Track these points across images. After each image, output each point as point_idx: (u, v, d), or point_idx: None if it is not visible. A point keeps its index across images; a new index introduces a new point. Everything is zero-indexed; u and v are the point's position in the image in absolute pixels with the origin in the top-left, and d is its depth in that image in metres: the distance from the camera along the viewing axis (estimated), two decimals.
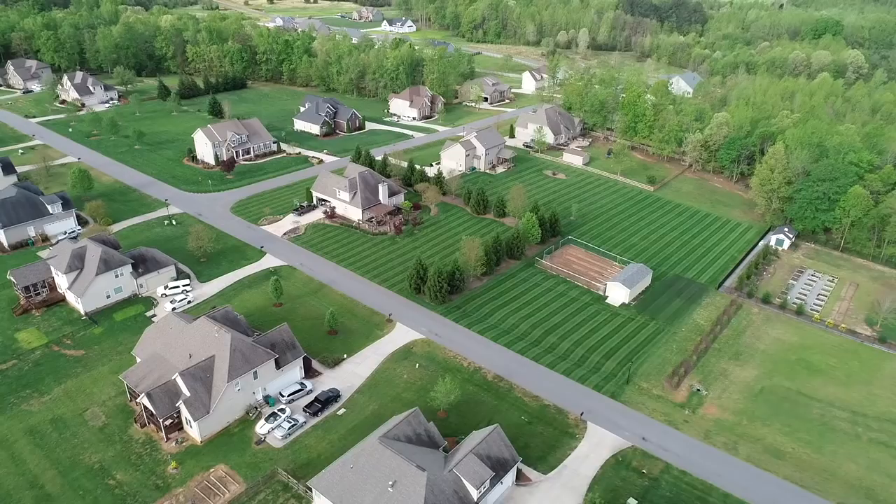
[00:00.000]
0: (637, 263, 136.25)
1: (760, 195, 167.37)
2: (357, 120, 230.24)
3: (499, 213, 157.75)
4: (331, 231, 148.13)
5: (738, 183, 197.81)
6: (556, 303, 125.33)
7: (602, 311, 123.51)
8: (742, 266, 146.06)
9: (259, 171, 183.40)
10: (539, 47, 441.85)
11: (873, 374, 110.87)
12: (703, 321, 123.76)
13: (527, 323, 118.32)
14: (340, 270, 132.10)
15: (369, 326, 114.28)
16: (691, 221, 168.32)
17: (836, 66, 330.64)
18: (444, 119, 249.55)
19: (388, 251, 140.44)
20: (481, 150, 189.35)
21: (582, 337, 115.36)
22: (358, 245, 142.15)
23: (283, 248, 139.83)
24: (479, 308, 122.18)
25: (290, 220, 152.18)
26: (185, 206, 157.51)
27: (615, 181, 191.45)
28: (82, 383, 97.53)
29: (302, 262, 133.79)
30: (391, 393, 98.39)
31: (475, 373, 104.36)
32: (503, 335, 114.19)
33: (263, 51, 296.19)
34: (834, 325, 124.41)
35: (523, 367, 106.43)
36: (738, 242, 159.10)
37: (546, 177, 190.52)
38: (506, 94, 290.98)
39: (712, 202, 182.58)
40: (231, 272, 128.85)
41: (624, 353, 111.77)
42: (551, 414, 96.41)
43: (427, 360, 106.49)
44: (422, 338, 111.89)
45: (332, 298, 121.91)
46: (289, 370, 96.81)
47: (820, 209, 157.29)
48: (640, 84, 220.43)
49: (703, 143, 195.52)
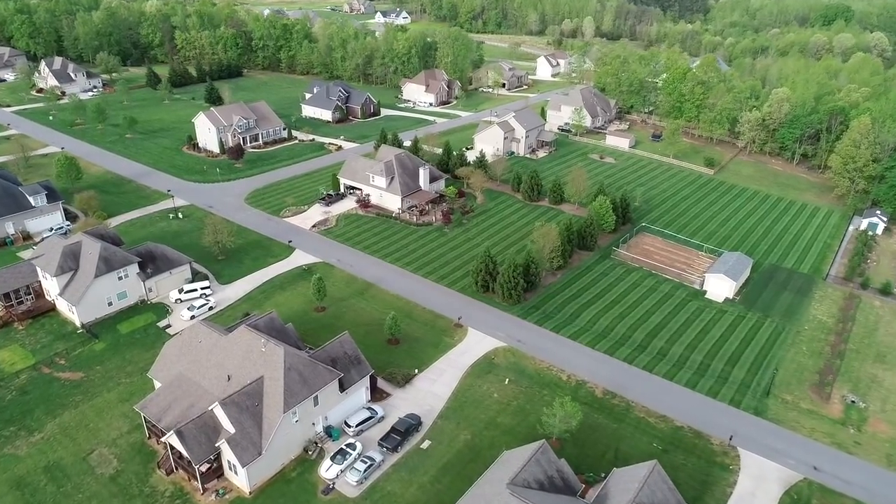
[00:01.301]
0: (733, 252, 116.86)
1: (842, 175, 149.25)
2: (372, 105, 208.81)
3: (555, 199, 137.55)
4: (367, 222, 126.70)
5: (800, 165, 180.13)
6: (648, 299, 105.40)
7: (706, 308, 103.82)
8: (841, 254, 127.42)
9: (271, 159, 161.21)
10: (543, 37, 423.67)
11: None
12: (825, 317, 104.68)
13: (623, 324, 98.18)
14: (386, 267, 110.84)
15: (435, 333, 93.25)
16: (765, 206, 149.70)
17: (860, 49, 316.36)
18: (463, 104, 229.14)
19: (438, 244, 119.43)
20: (521, 132, 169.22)
21: (692, 339, 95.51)
22: (401, 237, 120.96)
23: (314, 242, 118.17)
24: (561, 307, 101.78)
25: (318, 211, 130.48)
26: (191, 197, 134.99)
27: (669, 164, 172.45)
28: (84, 416, 75.17)
29: (339, 259, 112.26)
30: (483, 417, 77.39)
31: (579, 388, 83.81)
32: (599, 340, 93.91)
33: (260, 36, 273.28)
34: None
35: (635, 378, 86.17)
36: (825, 228, 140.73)
37: (593, 161, 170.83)
38: (523, 80, 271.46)
39: (779, 186, 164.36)
40: (256, 271, 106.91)
41: (748, 357, 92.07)
42: (688, 439, 76.18)
43: (516, 373, 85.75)
44: (503, 345, 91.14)
45: (384, 300, 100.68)
46: (354, 392, 75.36)
47: None
48: (682, 61, 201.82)
49: (761, 122, 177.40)
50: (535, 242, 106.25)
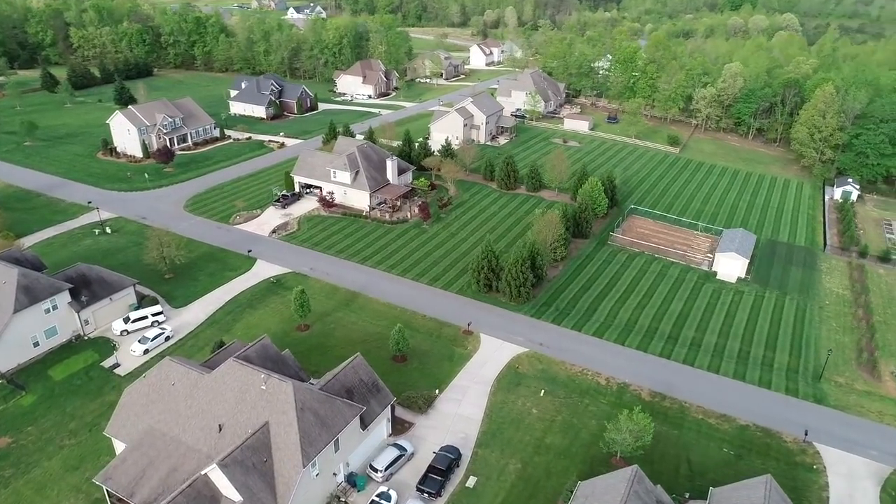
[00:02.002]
0: (735, 229, 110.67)
1: (808, 146, 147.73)
2: (308, 99, 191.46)
3: (533, 186, 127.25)
4: (333, 223, 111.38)
5: (756, 139, 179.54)
6: (662, 286, 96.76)
7: (722, 290, 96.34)
8: (828, 224, 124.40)
9: (206, 161, 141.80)
10: (466, 28, 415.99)
11: None
12: (840, 289, 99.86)
13: (644, 315, 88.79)
14: (368, 272, 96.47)
15: (444, 344, 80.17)
16: (739, 181, 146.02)
17: (774, 29, 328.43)
18: (405, 95, 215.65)
19: (420, 242, 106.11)
20: (480, 118, 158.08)
21: (722, 325, 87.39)
22: (377, 238, 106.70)
23: (277, 249, 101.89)
24: (574, 302, 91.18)
25: (274, 214, 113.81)
26: (118, 208, 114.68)
27: (634, 145, 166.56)
28: (19, 497, 56.99)
29: (312, 267, 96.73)
30: (528, 440, 65.23)
31: (622, 392, 73.31)
32: (626, 334, 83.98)
33: (169, 32, 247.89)
34: None
35: (678, 374, 76.69)
36: (801, 199, 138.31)
37: (558, 145, 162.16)
38: (460, 69, 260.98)
39: (744, 161, 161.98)
40: (215, 289, 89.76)
41: (785, 340, 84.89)
42: (759, 439, 67.25)
43: (548, 382, 74.16)
44: (524, 351, 79.33)
45: (375, 311, 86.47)
46: (375, 427, 61.24)
47: (884, 154, 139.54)
48: (632, 42, 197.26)
49: (717, 98, 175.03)
50: (540, 232, 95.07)
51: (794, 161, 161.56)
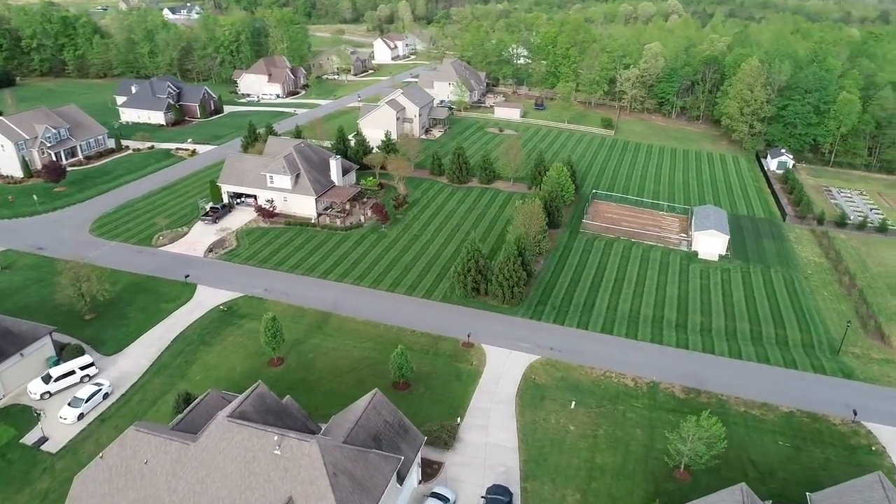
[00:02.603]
0: (705, 206, 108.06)
1: (739, 120, 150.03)
2: (212, 101, 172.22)
3: (486, 177, 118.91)
4: (278, 235, 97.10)
5: (679, 118, 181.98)
6: (650, 271, 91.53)
7: (710, 270, 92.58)
8: (780, 194, 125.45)
9: (105, 176, 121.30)
10: (359, 24, 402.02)
11: None
12: (815, 257, 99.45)
13: (646, 304, 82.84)
14: (333, 287, 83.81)
15: (445, 361, 69.73)
16: (679, 159, 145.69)
17: (662, 15, 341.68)
18: (316, 92, 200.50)
19: (383, 248, 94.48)
20: (413, 110, 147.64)
21: (724, 307, 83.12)
22: (332, 247, 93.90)
23: (219, 271, 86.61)
24: (569, 298, 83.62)
25: (205, 231, 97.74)
26: (4, 239, 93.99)
27: (570, 130, 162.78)
28: None
29: (266, 288, 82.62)
30: (578, 464, 56.41)
31: (654, 392, 66.37)
32: (634, 327, 77.53)
33: (31, 35, 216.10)
34: None
35: (702, 365, 71.02)
36: (742, 172, 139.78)
37: (494, 134, 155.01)
38: (367, 64, 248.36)
39: (675, 139, 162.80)
40: (153, 326, 73.77)
41: (788, 315, 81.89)
42: (807, 425, 62.58)
43: (573, 391, 65.85)
44: (536, 358, 70.60)
45: (355, 331, 74.38)
46: (409, 478, 49.88)
47: (810, 123, 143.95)
48: (551, 27, 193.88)
49: (640, 79, 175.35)
50: (523, 225, 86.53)
51: (722, 136, 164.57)
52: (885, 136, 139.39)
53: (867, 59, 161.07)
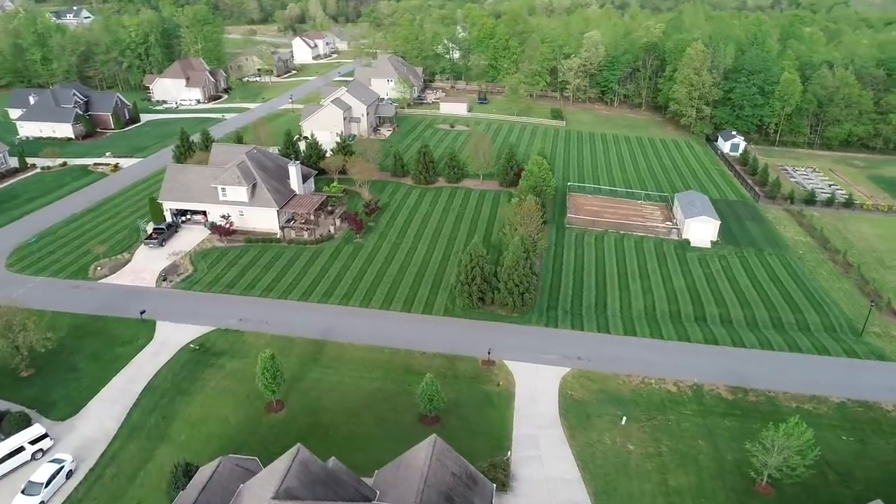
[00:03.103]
0: (686, 192, 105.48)
1: (687, 104, 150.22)
2: (126, 110, 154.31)
3: (454, 177, 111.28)
4: (240, 255, 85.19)
5: (622, 106, 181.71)
6: (650, 263, 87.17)
7: (708, 257, 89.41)
8: (744, 175, 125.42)
9: (14, 200, 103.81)
10: (269, 25, 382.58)
11: None
12: (800, 237, 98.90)
13: (658, 298, 78.23)
14: (319, 310, 73.65)
15: (468, 385, 61.69)
16: (637, 147, 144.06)
17: (576, 5, 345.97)
18: (241, 96, 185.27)
19: (363, 260, 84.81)
20: (360, 109, 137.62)
21: (736, 295, 79.70)
22: (307, 264, 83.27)
23: (178, 302, 74.21)
24: (578, 299, 77.68)
25: (153, 255, 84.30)
26: None
27: (522, 122, 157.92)
28: None
29: (241, 317, 71.25)
30: (651, 489, 50.00)
31: (700, 396, 61.26)
32: (655, 325, 72.64)
33: None
34: (887, 209, 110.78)
35: (738, 359, 66.79)
36: (699, 156, 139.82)
37: (446, 131, 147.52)
38: (289, 64, 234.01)
39: (623, 127, 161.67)
40: (113, 377, 61.14)
41: (800, 298, 79.51)
42: (862, 414, 59.52)
43: (615, 403, 59.67)
44: (566, 371, 63.94)
45: (358, 359, 64.90)
46: None
47: (756, 105, 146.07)
48: (488, 19, 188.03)
49: (583, 68, 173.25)
50: (522, 224, 79.52)
51: (667, 122, 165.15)
52: (826, 114, 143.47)
53: (796, 41, 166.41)
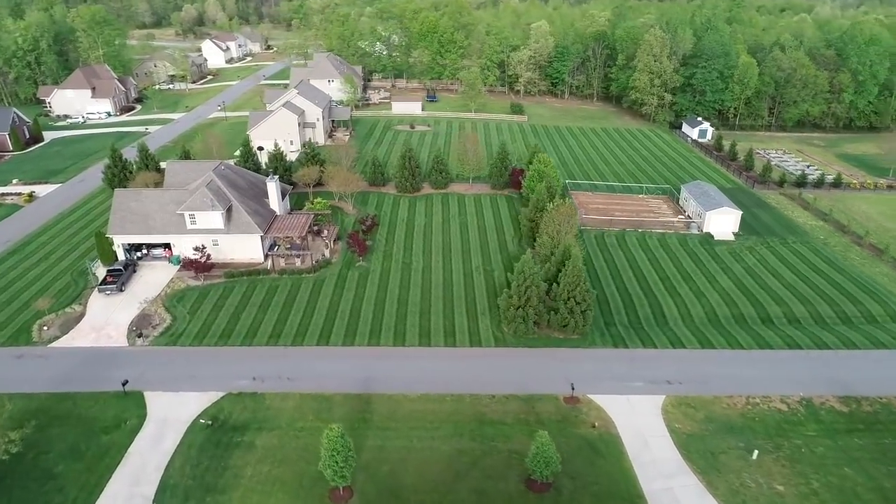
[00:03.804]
0: (693, 183, 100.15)
1: (649, 92, 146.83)
2: (26, 127, 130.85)
3: (442, 182, 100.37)
4: (225, 294, 70.16)
5: (573, 98, 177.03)
6: (685, 262, 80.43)
7: (738, 251, 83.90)
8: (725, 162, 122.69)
9: None
10: (163, 28, 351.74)
11: None
12: (812, 221, 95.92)
13: (715, 302, 71.26)
14: (345, 356, 60.84)
15: (560, 431, 51.23)
16: (607, 139, 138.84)
17: None
18: (158, 106, 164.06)
19: (378, 288, 72.23)
20: (315, 113, 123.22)
21: (790, 292, 73.82)
22: (312, 299, 69.73)
23: (166, 363, 58.88)
24: (632, 309, 69.64)
25: (113, 304, 67.60)
26: None
27: (484, 119, 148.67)
28: None
29: (254, 375, 57.20)
30: None
31: (814, 413, 54.32)
32: (726, 333, 65.34)
33: None
34: (874, 186, 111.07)
35: (829, 364, 60.55)
36: (671, 144, 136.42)
37: (408, 132, 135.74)
38: (204, 69, 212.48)
39: (583, 119, 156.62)
40: (109, 481, 45.83)
41: (851, 288, 74.47)
42: None
43: (731, 433, 51.62)
44: (662, 399, 55.30)
45: (418, 414, 53.06)
46: None
47: (718, 90, 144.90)
48: (430, 14, 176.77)
49: (533, 61, 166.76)
50: (560, 232, 70.00)
51: (624, 112, 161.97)
52: (783, 96, 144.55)
53: (738, 25, 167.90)
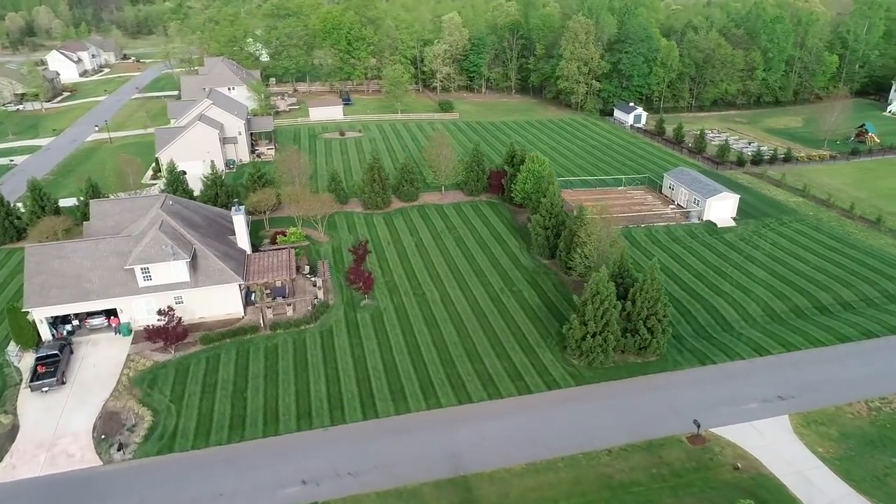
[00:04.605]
0: (674, 170, 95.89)
1: (578, 80, 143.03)
2: None
3: (408, 194, 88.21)
4: (210, 367, 53.79)
5: (490, 92, 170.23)
6: (707, 255, 75.08)
7: (750, 237, 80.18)
8: (674, 145, 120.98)
9: None
10: None
11: None
12: (792, 198, 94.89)
13: (768, 298, 65.93)
14: (409, 430, 48.03)
15: (702, 480, 42.88)
16: (551, 132, 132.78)
17: None
18: (14, 131, 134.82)
19: (403, 332, 59.45)
20: (236, 126, 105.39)
21: (827, 275, 70.17)
22: (329, 356, 55.60)
23: (170, 483, 42.69)
24: (693, 320, 62.32)
25: (58, 405, 49.08)
26: None
27: (415, 120, 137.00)
28: None
29: (305, 478, 42.87)
30: None
31: None
32: (803, 331, 59.94)
33: None
34: (819, 158, 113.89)
35: None
36: (611, 133, 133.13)
37: (338, 139, 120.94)
38: (56, 84, 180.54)
39: (513, 113, 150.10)
40: None
41: (879, 266, 71.98)
42: None
43: (877, 448, 45.91)
44: (784, 420, 48.48)
45: (534, 493, 42.08)
46: None
47: (643, 74, 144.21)
48: (334, 9, 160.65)
49: (450, 55, 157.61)
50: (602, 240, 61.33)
51: (548, 103, 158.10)
52: (703, 76, 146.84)
53: (645, 10, 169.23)
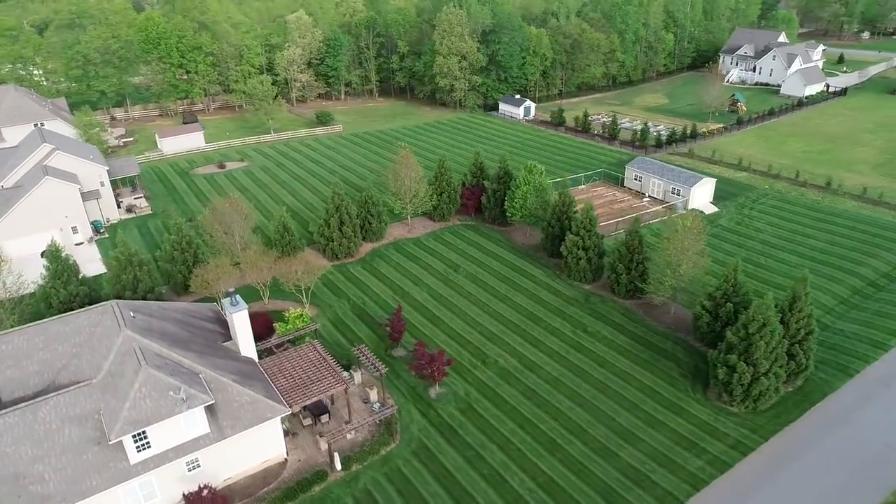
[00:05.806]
0: (640, 159, 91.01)
1: (457, 77, 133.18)
2: None
3: (375, 232, 71.57)
4: None
5: (351, 98, 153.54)
6: (730, 248, 70.78)
7: (746, 223, 78.02)
8: (583, 136, 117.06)
9: None
10: None
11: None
12: (740, 174, 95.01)
13: (838, 291, 62.92)
14: None
15: None
16: (453, 135, 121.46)
17: None
18: None
19: (519, 425, 44.95)
20: (96, 173, 77.37)
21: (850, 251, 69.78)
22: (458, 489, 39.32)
23: None
24: None
25: None
26: None
27: (299, 138, 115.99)
28: None
29: None
30: None
31: None
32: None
33: None
34: (719, 131, 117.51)
35: None
36: (515, 127, 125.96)
37: (220, 174, 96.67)
38: None
39: (393, 118, 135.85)
40: None
41: (888, 234, 73.49)
42: None
43: None
44: None
45: None
46: None
47: (520, 64, 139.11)
48: (156, 15, 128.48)
49: (307, 59, 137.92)
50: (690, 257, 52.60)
51: (422, 102, 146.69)
52: (574, 62, 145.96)
53: None
